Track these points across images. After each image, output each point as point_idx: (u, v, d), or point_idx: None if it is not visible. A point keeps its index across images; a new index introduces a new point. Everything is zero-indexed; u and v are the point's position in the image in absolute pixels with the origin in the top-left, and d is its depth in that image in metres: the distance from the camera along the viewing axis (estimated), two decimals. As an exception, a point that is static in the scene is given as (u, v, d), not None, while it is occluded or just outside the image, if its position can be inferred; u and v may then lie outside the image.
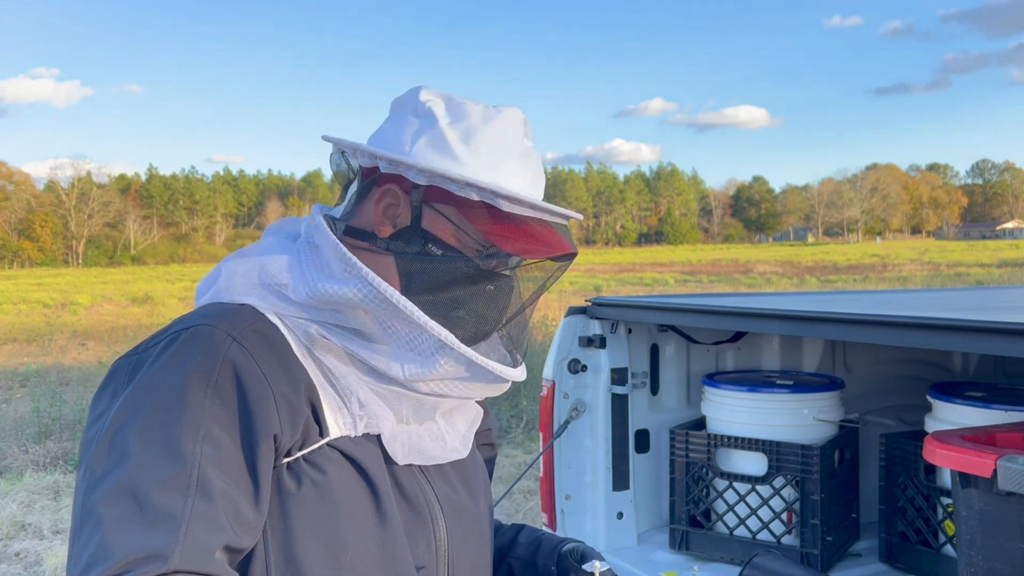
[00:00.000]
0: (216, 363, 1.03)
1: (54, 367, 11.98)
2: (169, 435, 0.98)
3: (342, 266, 1.11)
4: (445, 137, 1.15)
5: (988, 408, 2.38)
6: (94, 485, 0.97)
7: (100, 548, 0.93)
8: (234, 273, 1.15)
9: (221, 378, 1.02)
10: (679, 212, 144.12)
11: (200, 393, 1.01)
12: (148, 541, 0.93)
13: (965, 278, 28.75)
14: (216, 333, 1.05)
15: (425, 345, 1.12)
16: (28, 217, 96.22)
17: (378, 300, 1.09)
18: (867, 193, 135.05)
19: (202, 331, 1.05)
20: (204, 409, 1.00)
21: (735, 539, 2.72)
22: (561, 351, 2.92)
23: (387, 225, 1.18)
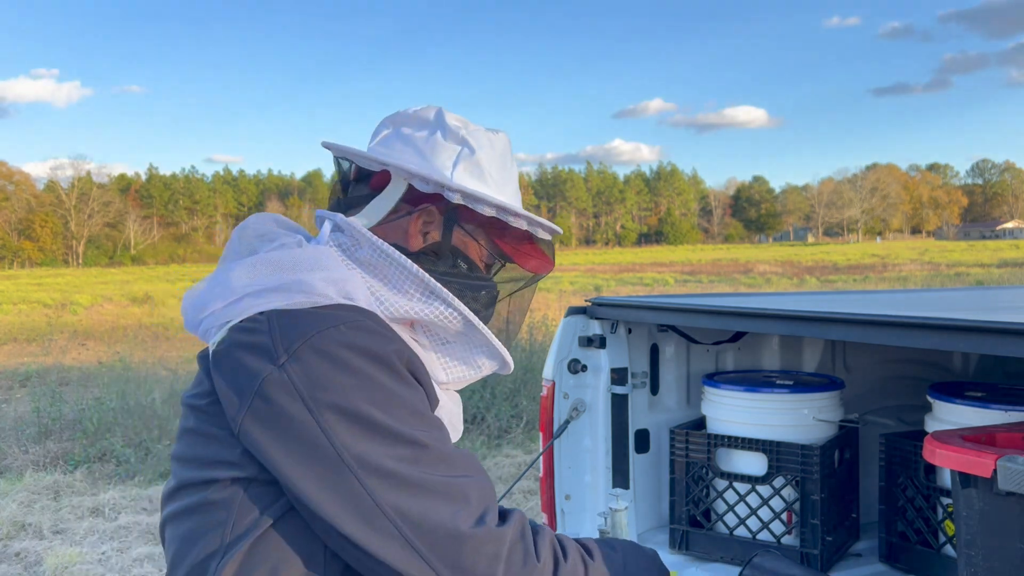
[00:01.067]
0: (403, 361, 1.14)
1: (54, 367, 11.97)
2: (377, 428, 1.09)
3: (423, 288, 1.24)
4: (482, 166, 1.33)
5: (988, 408, 2.38)
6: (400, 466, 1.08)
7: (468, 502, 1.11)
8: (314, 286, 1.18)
9: (408, 375, 1.16)
10: (679, 212, 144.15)
11: (416, 394, 1.16)
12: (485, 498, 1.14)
13: (965, 278, 28.75)
14: (394, 337, 1.16)
15: (474, 354, 1.32)
16: (28, 217, 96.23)
17: (456, 320, 1.26)
18: (867, 193, 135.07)
19: (384, 338, 1.14)
20: (422, 403, 1.16)
21: (735, 539, 2.72)
22: (561, 351, 2.92)
23: (419, 239, 1.32)
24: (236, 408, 1.08)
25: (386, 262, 1.22)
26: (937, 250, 60.01)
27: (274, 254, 1.21)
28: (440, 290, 1.23)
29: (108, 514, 5.87)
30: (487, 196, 1.30)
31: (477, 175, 1.32)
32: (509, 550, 1.09)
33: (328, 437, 1.05)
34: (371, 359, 1.09)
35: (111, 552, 5.21)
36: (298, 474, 1.05)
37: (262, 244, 1.27)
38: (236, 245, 1.30)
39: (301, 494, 1.06)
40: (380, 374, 1.09)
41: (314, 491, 1.05)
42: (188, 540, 1.13)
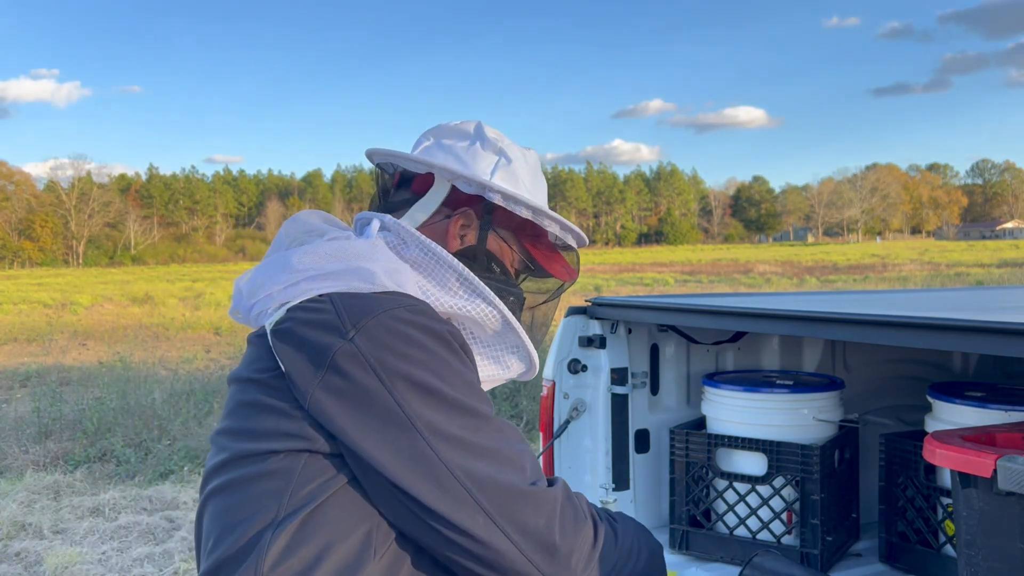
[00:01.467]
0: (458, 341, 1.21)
1: (54, 367, 11.97)
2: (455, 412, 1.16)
3: (467, 286, 1.31)
4: (517, 174, 1.42)
5: (988, 408, 2.38)
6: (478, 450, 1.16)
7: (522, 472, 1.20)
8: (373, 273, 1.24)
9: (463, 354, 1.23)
10: (679, 212, 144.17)
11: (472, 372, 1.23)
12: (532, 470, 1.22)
13: (965, 278, 28.74)
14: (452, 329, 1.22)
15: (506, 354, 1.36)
16: (28, 217, 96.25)
17: (496, 319, 1.32)
18: (867, 193, 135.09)
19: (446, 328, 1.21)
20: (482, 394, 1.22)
21: (735, 539, 2.72)
22: (561, 351, 2.92)
23: (457, 242, 1.40)
24: (308, 380, 1.13)
25: (433, 260, 1.30)
26: (937, 250, 60.02)
27: (332, 244, 1.27)
28: (483, 288, 1.30)
29: (108, 514, 5.87)
30: (524, 198, 1.38)
31: (512, 182, 1.41)
32: (562, 508, 1.19)
33: (400, 406, 1.12)
34: (433, 336, 1.17)
35: (111, 552, 5.21)
36: (372, 442, 1.11)
37: (310, 238, 1.34)
38: (285, 238, 1.37)
39: (374, 460, 1.11)
40: (442, 350, 1.17)
41: (388, 457, 1.11)
42: (240, 510, 1.15)
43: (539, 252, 1.47)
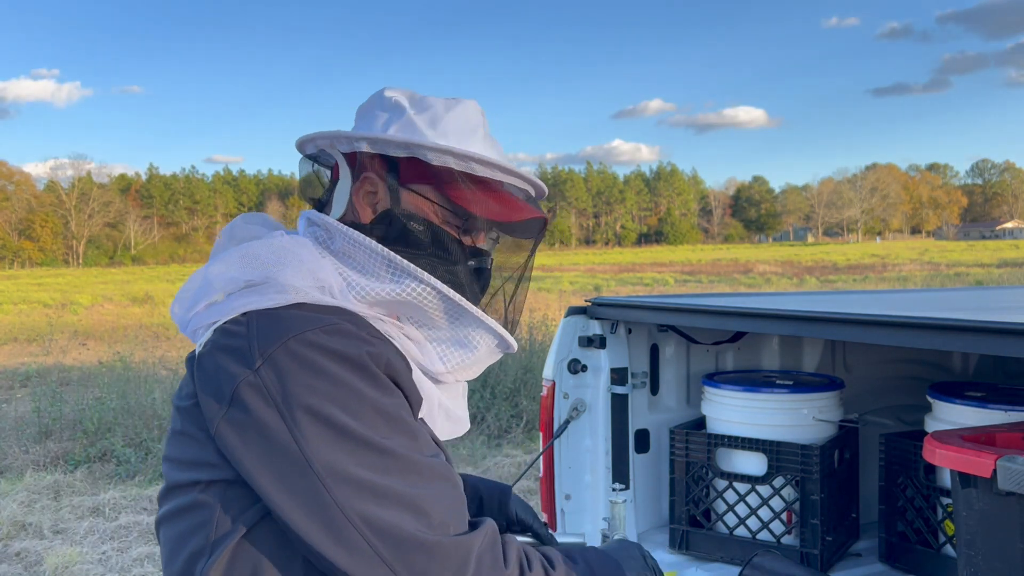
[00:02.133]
0: (380, 365, 1.10)
1: (55, 367, 11.97)
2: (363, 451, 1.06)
3: (387, 266, 1.20)
4: (414, 123, 1.25)
5: (988, 408, 2.38)
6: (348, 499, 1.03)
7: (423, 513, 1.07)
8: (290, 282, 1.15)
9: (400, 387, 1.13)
10: (679, 212, 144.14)
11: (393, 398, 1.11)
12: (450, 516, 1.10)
13: (965, 278, 28.74)
14: (370, 343, 1.11)
15: (469, 337, 1.24)
16: (28, 217, 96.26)
17: (433, 296, 1.20)
18: (867, 193, 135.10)
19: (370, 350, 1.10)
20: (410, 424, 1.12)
21: (735, 539, 2.72)
22: (561, 351, 2.92)
23: (368, 211, 1.26)
24: (214, 412, 1.07)
25: (356, 247, 1.20)
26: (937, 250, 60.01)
27: (247, 246, 1.20)
28: (407, 266, 1.19)
29: (108, 514, 5.88)
30: (425, 141, 1.22)
31: (411, 132, 1.24)
32: (477, 559, 1.07)
33: (299, 444, 1.03)
34: (345, 363, 1.07)
35: (111, 552, 5.21)
36: (267, 481, 1.04)
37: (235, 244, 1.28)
38: (221, 246, 1.31)
39: (270, 501, 1.05)
40: (354, 378, 1.07)
41: (284, 499, 1.03)
42: (178, 541, 1.13)
43: (468, 195, 1.25)
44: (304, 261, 1.17)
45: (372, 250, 1.19)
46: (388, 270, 1.19)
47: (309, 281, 1.15)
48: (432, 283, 1.19)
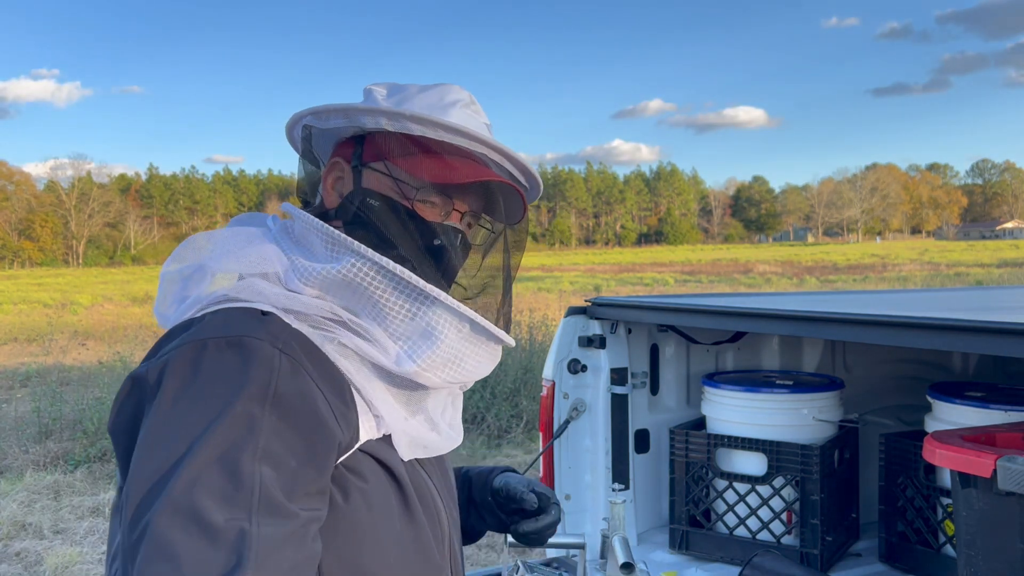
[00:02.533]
0: (271, 377, 0.96)
1: (54, 367, 11.96)
2: (228, 457, 0.91)
3: (326, 241, 1.10)
4: (377, 101, 1.20)
5: (988, 408, 2.38)
6: (147, 508, 0.90)
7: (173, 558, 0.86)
8: (225, 270, 1.10)
9: (278, 393, 0.96)
10: (679, 212, 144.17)
11: (257, 410, 0.94)
12: (218, 563, 0.86)
13: (965, 278, 28.74)
14: (262, 346, 0.98)
15: (426, 319, 1.08)
16: (28, 217, 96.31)
17: (371, 270, 1.07)
18: (867, 193, 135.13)
19: (248, 343, 0.98)
20: (262, 428, 0.93)
21: (735, 539, 2.72)
22: (561, 351, 2.92)
23: (334, 196, 1.20)
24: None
25: (307, 229, 1.12)
26: (937, 250, 60.02)
27: (182, 246, 1.15)
28: (345, 240, 1.08)
29: (108, 514, 5.88)
30: (356, 104, 1.16)
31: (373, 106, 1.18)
32: None
33: (133, 457, 0.95)
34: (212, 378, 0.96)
35: (111, 552, 5.21)
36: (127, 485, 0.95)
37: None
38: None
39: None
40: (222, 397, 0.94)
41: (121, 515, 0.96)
42: (109, 543, 1.07)
43: (415, 161, 1.15)
44: (238, 247, 1.11)
45: (315, 228, 1.10)
46: (328, 246, 1.09)
47: (241, 266, 1.09)
48: (371, 257, 1.07)
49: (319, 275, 1.07)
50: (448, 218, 1.18)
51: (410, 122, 1.14)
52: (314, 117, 1.20)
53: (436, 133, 1.14)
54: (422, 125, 1.14)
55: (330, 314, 1.07)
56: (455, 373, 1.12)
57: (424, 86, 1.23)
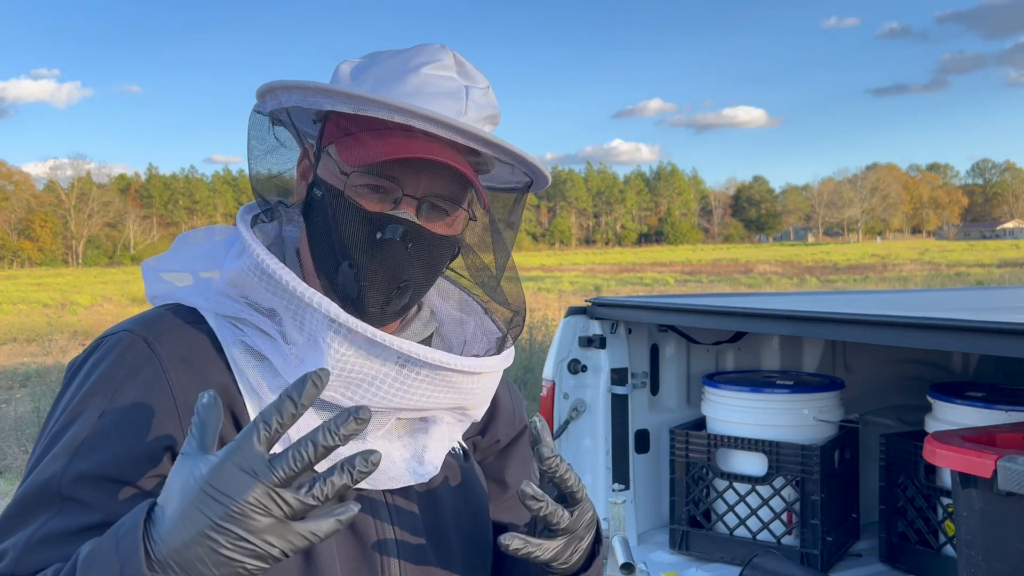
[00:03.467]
0: (119, 373, 0.95)
1: (54, 367, 11.96)
2: (52, 447, 0.93)
3: (239, 238, 1.01)
4: (337, 76, 1.05)
5: (988, 408, 2.38)
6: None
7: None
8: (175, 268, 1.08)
9: (121, 388, 0.94)
10: (679, 212, 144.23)
11: (94, 405, 0.94)
12: (4, 545, 0.89)
13: (965, 278, 28.73)
14: (131, 340, 0.97)
15: (312, 327, 0.95)
16: (28, 217, 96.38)
17: (254, 268, 0.96)
18: (867, 193, 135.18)
19: (118, 339, 0.98)
20: (90, 423, 0.93)
21: (735, 539, 2.72)
22: (561, 351, 2.92)
23: (303, 187, 1.06)
24: None
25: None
26: (937, 250, 60.03)
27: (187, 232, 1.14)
28: (243, 235, 0.99)
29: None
30: (277, 83, 1.00)
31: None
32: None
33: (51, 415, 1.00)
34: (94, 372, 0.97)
35: (111, 552, 5.20)
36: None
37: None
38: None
39: None
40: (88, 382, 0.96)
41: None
42: None
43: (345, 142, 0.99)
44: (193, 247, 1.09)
45: (237, 224, 1.03)
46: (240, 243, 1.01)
47: (176, 265, 1.07)
48: (252, 254, 0.96)
49: (230, 275, 0.99)
50: (398, 206, 0.99)
51: (319, 96, 0.97)
52: (259, 101, 1.05)
53: (345, 105, 0.95)
54: (330, 98, 0.96)
55: (240, 315, 0.99)
56: (371, 396, 0.96)
57: (396, 51, 1.05)
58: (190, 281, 1.05)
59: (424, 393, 0.99)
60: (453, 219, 1.04)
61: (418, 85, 1.00)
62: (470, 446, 1.18)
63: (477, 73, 1.06)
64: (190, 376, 0.96)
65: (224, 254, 1.04)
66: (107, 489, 0.91)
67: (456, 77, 1.03)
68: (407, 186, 0.99)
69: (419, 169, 0.98)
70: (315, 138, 1.05)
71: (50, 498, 0.90)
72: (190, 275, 1.06)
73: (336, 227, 0.99)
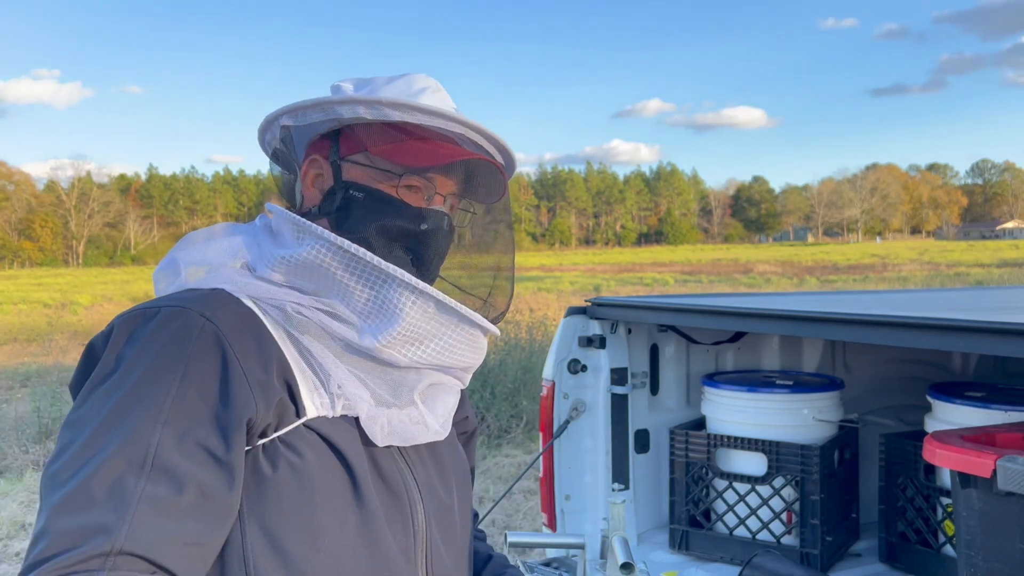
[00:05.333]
0: (187, 345, 1.00)
1: (55, 367, 11.96)
2: (128, 417, 0.95)
3: (294, 229, 1.12)
4: (343, 93, 1.20)
5: (988, 408, 2.38)
6: (51, 462, 0.96)
7: (42, 528, 0.91)
8: (194, 262, 1.15)
9: (192, 361, 0.99)
10: (679, 212, 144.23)
11: (168, 376, 0.98)
12: (92, 518, 0.89)
13: (965, 278, 28.73)
14: (188, 315, 1.03)
15: (386, 296, 1.09)
16: (28, 217, 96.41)
17: (330, 251, 1.09)
18: (867, 193, 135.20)
19: (174, 312, 1.03)
20: (169, 393, 0.97)
21: (735, 539, 2.72)
22: (561, 351, 2.92)
23: (315, 193, 1.21)
24: None
25: (281, 221, 1.15)
26: (937, 250, 60.02)
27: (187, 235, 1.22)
28: (309, 226, 1.11)
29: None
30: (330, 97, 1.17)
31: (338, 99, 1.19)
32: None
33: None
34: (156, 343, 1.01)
35: (111, 552, 5.20)
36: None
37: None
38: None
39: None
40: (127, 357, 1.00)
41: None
42: None
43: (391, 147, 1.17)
44: (206, 241, 1.17)
45: (286, 218, 1.13)
46: (295, 234, 1.12)
47: (208, 257, 1.14)
48: (330, 239, 1.09)
49: (282, 259, 1.10)
50: (432, 202, 1.19)
51: (388, 108, 1.15)
52: (290, 116, 1.20)
53: (415, 117, 1.15)
54: (400, 111, 1.15)
55: (285, 295, 1.10)
56: (422, 353, 1.12)
57: (391, 77, 1.23)
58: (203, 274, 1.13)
59: (462, 351, 1.16)
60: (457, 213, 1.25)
61: (435, 102, 1.19)
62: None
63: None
64: (250, 349, 1.04)
65: (253, 248, 1.15)
66: (199, 459, 0.96)
67: (450, 101, 1.24)
68: (439, 185, 1.19)
69: (458, 170, 1.19)
70: (327, 150, 1.20)
71: (141, 467, 0.93)
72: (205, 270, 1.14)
73: (389, 220, 1.15)
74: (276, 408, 1.04)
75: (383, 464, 1.13)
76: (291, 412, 1.06)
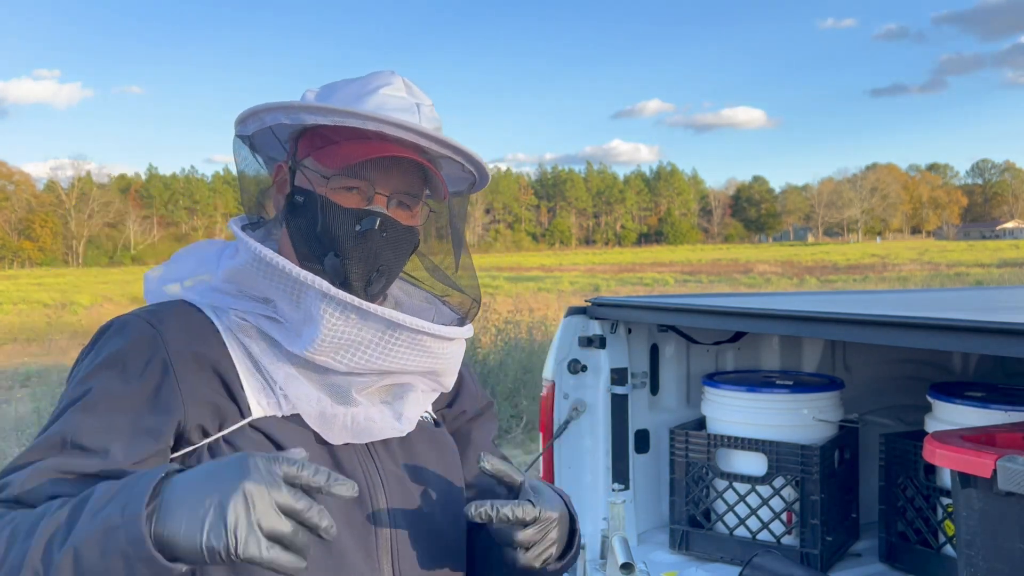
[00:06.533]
0: (127, 351, 1.11)
1: (55, 367, 11.97)
2: (65, 409, 1.08)
3: (236, 242, 1.18)
4: (305, 100, 1.21)
5: (988, 408, 2.38)
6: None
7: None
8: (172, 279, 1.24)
9: (129, 363, 1.10)
10: (679, 212, 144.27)
11: (105, 375, 1.09)
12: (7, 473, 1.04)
13: (965, 278, 28.73)
14: (137, 323, 1.14)
15: (308, 305, 1.12)
16: (28, 217, 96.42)
17: (253, 261, 1.14)
18: (867, 193, 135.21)
19: (126, 321, 1.16)
20: (101, 388, 1.08)
21: (735, 539, 2.72)
22: (561, 351, 2.92)
23: (282, 199, 1.24)
24: None
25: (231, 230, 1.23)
26: (937, 250, 60.02)
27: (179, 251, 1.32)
28: (240, 236, 1.16)
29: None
30: (258, 107, 1.18)
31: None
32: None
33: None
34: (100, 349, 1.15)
35: (111, 552, 5.19)
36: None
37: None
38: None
39: None
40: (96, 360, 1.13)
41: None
42: None
43: (323, 152, 1.18)
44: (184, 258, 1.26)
45: (231, 228, 1.21)
46: (236, 244, 1.19)
47: (182, 273, 1.24)
48: (251, 248, 1.13)
49: (227, 271, 1.17)
50: (372, 203, 1.18)
51: (303, 113, 1.16)
52: (238, 127, 1.24)
53: (329, 119, 1.15)
54: (314, 114, 1.15)
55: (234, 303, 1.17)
56: (358, 359, 1.13)
57: (354, 78, 1.24)
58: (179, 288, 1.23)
59: (404, 356, 1.16)
60: (415, 212, 1.24)
61: (379, 103, 1.18)
62: (440, 417, 1.36)
63: (422, 93, 1.26)
64: (188, 354, 1.12)
65: (216, 261, 1.21)
66: (109, 442, 1.05)
67: (407, 96, 1.22)
68: (378, 184, 1.18)
69: (390, 167, 1.17)
70: (288, 156, 1.22)
71: (56, 443, 1.05)
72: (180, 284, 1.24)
73: (321, 223, 1.16)
74: (212, 410, 1.11)
75: (344, 462, 1.16)
76: (234, 413, 1.12)
